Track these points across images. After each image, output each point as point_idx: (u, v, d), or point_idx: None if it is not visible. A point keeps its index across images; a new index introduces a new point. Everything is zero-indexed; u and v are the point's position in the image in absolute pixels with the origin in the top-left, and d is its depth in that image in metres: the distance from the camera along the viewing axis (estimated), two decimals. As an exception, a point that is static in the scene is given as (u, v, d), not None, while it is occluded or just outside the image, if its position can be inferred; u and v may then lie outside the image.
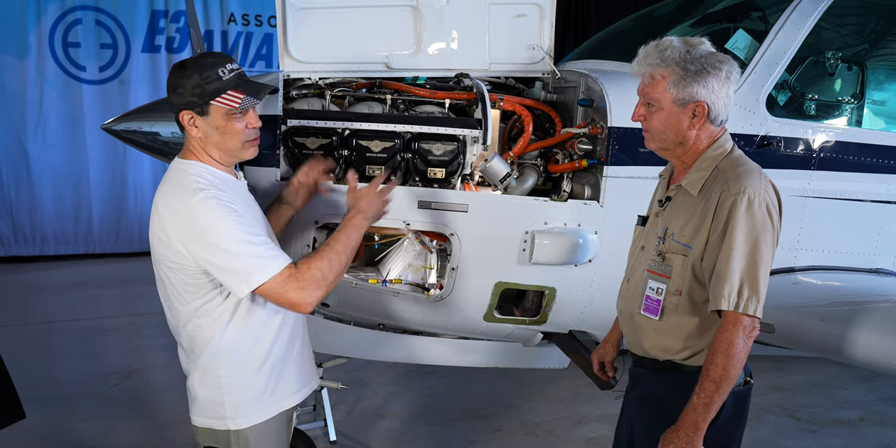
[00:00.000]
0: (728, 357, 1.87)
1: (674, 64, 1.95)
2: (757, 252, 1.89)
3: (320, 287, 1.97)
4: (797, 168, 3.07)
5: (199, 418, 2.11)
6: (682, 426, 1.90)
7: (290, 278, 1.93)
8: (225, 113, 2.00)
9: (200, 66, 1.98)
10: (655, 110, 2.00)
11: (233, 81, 2.00)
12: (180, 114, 2.00)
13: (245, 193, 2.15)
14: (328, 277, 1.99)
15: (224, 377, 2.05)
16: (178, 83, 1.98)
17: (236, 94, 2.00)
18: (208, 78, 1.97)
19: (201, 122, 2.00)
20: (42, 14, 7.53)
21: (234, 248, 1.90)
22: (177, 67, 2.01)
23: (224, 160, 2.08)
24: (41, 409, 3.91)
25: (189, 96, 1.97)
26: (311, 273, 1.96)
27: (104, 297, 6.68)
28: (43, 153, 7.68)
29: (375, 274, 3.07)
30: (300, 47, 2.89)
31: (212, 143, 2.03)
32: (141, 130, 2.78)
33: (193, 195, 1.91)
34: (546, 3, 3.09)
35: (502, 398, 4.46)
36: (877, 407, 4.54)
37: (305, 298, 1.96)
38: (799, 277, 3.10)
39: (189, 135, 2.04)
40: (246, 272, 1.91)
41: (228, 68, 2.01)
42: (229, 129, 2.02)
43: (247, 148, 2.07)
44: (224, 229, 1.91)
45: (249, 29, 8.26)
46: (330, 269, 2.00)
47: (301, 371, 2.23)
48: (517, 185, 2.87)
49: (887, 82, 3.49)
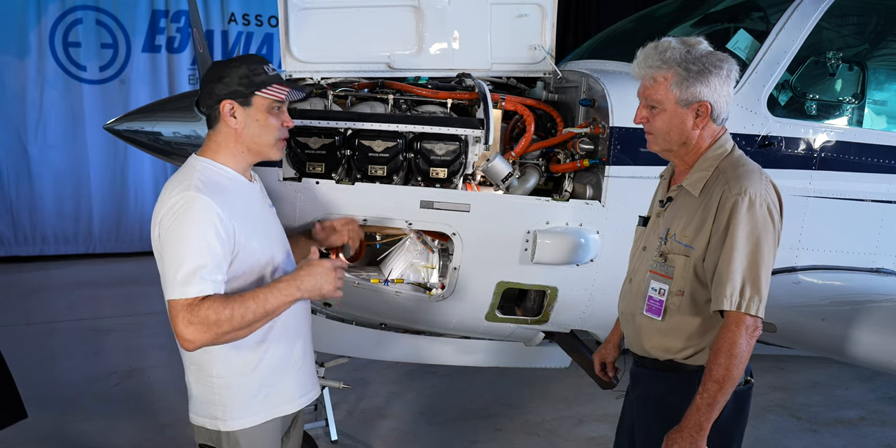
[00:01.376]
0: (731, 357, 1.87)
1: (675, 65, 1.95)
2: (758, 252, 1.90)
3: (208, 331, 1.82)
4: (798, 168, 3.08)
5: (195, 416, 2.09)
6: (685, 426, 1.91)
7: (188, 308, 1.81)
8: (268, 105, 2.02)
9: (248, 60, 2.03)
10: (658, 112, 2.00)
11: (276, 77, 2.04)
12: (222, 103, 1.99)
13: (256, 198, 2.11)
14: (221, 327, 1.83)
15: (216, 377, 2.02)
16: (224, 73, 2.00)
17: (282, 87, 2.03)
18: (256, 71, 2.00)
19: (241, 112, 2.00)
20: (42, 14, 7.54)
21: (181, 255, 1.85)
22: (222, 62, 2.05)
23: (248, 158, 2.06)
24: (42, 409, 3.91)
25: (235, 85, 1.98)
26: (207, 313, 1.81)
27: (105, 296, 6.68)
28: (43, 153, 7.69)
29: (377, 273, 3.07)
30: (302, 47, 2.90)
31: (246, 136, 2.02)
32: (143, 130, 2.78)
33: (185, 190, 1.89)
34: (547, 3, 3.09)
35: (504, 398, 4.46)
36: (877, 406, 4.55)
37: (187, 335, 1.82)
38: (800, 277, 3.11)
39: (224, 125, 2.01)
40: (168, 280, 1.86)
41: (271, 67, 2.05)
42: (268, 124, 2.02)
43: (277, 146, 2.08)
44: (187, 233, 1.86)
45: (250, 29, 8.26)
46: (228, 321, 1.83)
47: (301, 378, 2.17)
48: (519, 184, 2.88)
49: (888, 82, 3.49)
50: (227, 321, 1.83)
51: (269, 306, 1.90)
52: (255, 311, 1.87)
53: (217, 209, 1.88)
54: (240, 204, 1.99)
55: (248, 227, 1.97)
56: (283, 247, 2.17)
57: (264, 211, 2.14)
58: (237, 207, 1.96)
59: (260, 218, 2.08)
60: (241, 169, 2.06)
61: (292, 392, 2.15)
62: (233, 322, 1.84)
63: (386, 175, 2.81)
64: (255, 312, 1.88)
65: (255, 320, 1.89)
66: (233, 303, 1.85)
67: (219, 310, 1.82)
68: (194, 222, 1.86)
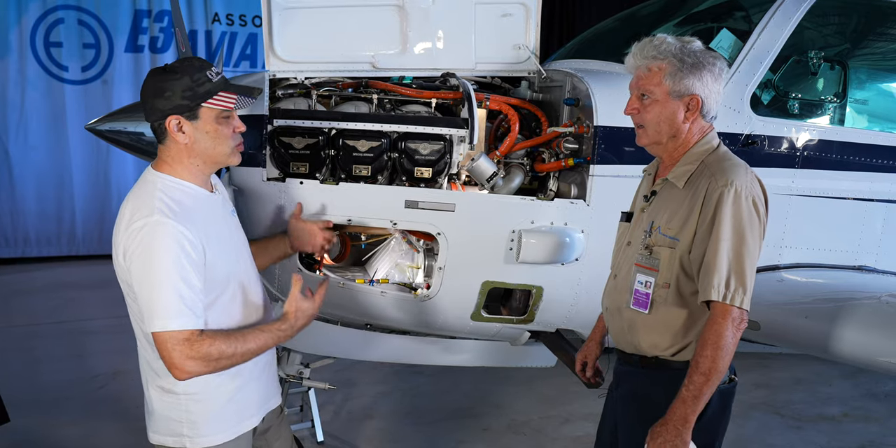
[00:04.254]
0: (717, 349, 1.88)
1: (671, 56, 1.98)
2: (744, 244, 1.91)
3: (208, 366, 1.84)
4: (781, 166, 3.10)
5: (155, 435, 2.03)
6: (670, 419, 1.91)
7: (186, 342, 1.81)
8: (216, 116, 1.93)
9: (189, 68, 1.91)
10: (650, 102, 2.02)
11: (221, 83, 1.95)
12: (167, 119, 1.89)
13: (219, 209, 2.05)
14: (220, 363, 1.86)
15: (182, 393, 1.96)
16: (165, 87, 1.89)
17: (229, 95, 1.94)
18: (199, 80, 1.90)
19: (189, 127, 1.92)
20: (23, 13, 7.46)
21: (158, 286, 1.81)
22: (160, 71, 1.93)
23: (205, 170, 1.99)
24: (25, 413, 3.87)
25: (178, 99, 1.88)
26: (209, 350, 1.83)
27: (88, 298, 6.61)
28: (25, 154, 7.61)
29: (362, 274, 3.06)
30: (286, 47, 2.89)
31: (199, 150, 1.94)
32: (125, 130, 2.75)
33: (148, 215, 1.83)
34: (532, 3, 3.09)
35: (490, 397, 4.47)
36: (859, 403, 4.59)
37: (187, 368, 1.82)
38: (784, 275, 3.13)
39: (172, 142, 1.93)
40: (152, 312, 1.82)
41: (214, 71, 1.95)
42: (219, 134, 1.95)
43: (234, 153, 2.01)
44: (160, 262, 1.81)
45: (234, 29, 8.21)
46: (228, 357, 1.87)
47: (264, 390, 2.15)
48: (504, 184, 2.88)
49: (869, 81, 3.53)
50: (229, 358, 1.88)
51: (264, 348, 1.98)
52: (254, 351, 1.94)
53: (185, 233, 1.84)
54: (204, 221, 1.93)
55: (213, 243, 1.93)
56: (247, 256, 2.14)
57: (227, 222, 2.08)
58: (202, 225, 1.91)
59: (224, 230, 2.03)
60: (202, 181, 2.00)
61: (257, 404, 2.13)
62: (233, 359, 1.90)
63: (370, 175, 2.81)
64: (255, 353, 1.95)
65: (247, 359, 1.95)
66: (237, 343, 1.90)
67: (222, 348, 1.86)
68: (164, 251, 1.82)
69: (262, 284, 2.21)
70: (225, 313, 1.99)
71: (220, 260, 1.96)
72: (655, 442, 1.92)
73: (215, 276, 1.94)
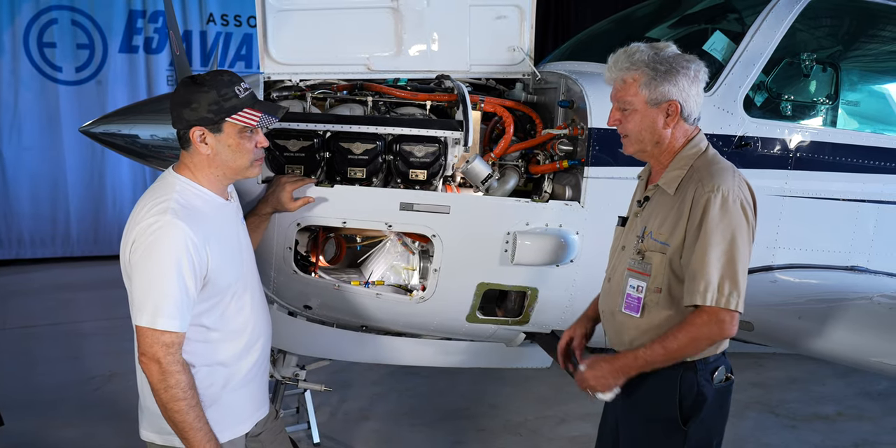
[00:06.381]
0: (692, 340, 1.93)
1: (643, 65, 2.00)
2: (734, 248, 1.93)
3: (162, 379, 1.87)
4: (774, 168, 3.12)
5: (146, 432, 2.06)
6: (615, 362, 2.01)
7: (164, 347, 1.86)
8: (239, 131, 1.98)
9: (218, 83, 1.96)
10: (630, 113, 2.05)
11: (248, 100, 2.00)
12: (192, 129, 1.96)
13: (232, 217, 2.11)
14: (168, 391, 1.88)
15: None
16: (192, 98, 1.95)
17: (253, 112, 1.99)
18: (226, 95, 1.96)
19: (212, 139, 1.97)
20: (16, 14, 7.43)
21: (155, 283, 1.86)
22: (190, 82, 1.98)
23: (224, 180, 2.05)
24: (20, 416, 3.86)
25: (204, 112, 1.94)
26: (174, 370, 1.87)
27: (83, 300, 6.60)
28: (18, 155, 7.59)
29: (358, 276, 3.06)
30: (280, 49, 2.89)
31: (219, 161, 2.00)
32: (120, 133, 2.75)
33: (162, 213, 1.88)
34: (526, 5, 3.10)
35: (486, 398, 4.48)
36: (853, 402, 4.62)
37: (151, 365, 1.87)
38: (777, 276, 3.14)
39: (195, 151, 1.99)
40: (143, 307, 1.87)
41: (243, 87, 2.00)
42: (241, 148, 2.00)
43: (254, 167, 2.06)
44: (161, 261, 1.86)
45: (229, 29, 8.20)
46: (173, 395, 1.88)
47: (255, 395, 2.16)
48: (498, 186, 2.88)
49: (861, 83, 3.55)
50: (172, 396, 1.87)
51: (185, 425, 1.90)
52: (180, 420, 1.89)
53: (192, 236, 1.88)
54: (215, 228, 1.98)
55: (220, 251, 1.97)
56: (252, 264, 2.18)
57: (238, 231, 2.13)
58: (212, 231, 1.95)
59: (233, 238, 2.08)
60: (219, 189, 2.06)
61: (248, 411, 2.14)
62: (173, 399, 1.87)
63: (365, 177, 2.81)
64: (179, 420, 1.89)
65: (173, 419, 1.90)
66: (193, 398, 1.90)
67: (182, 385, 1.87)
68: (169, 251, 1.86)
69: (263, 292, 2.25)
70: (225, 318, 2.03)
71: (226, 266, 2.00)
72: (592, 371, 2.03)
73: (219, 281, 1.98)
